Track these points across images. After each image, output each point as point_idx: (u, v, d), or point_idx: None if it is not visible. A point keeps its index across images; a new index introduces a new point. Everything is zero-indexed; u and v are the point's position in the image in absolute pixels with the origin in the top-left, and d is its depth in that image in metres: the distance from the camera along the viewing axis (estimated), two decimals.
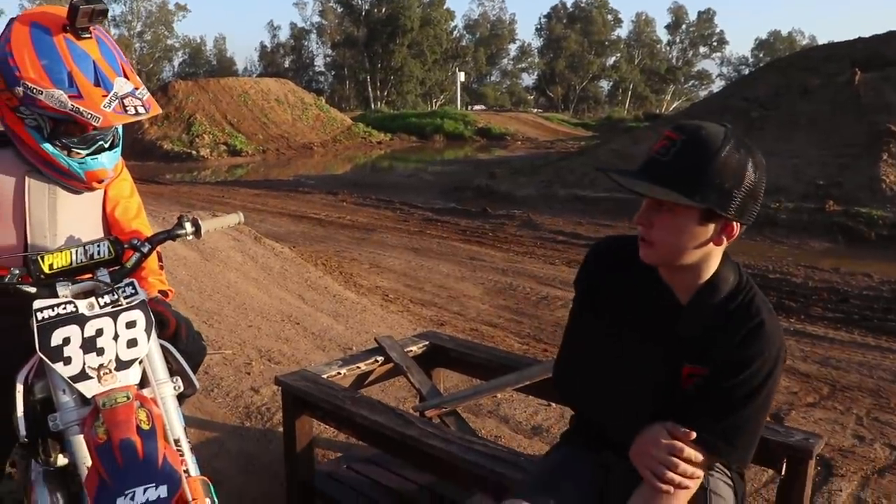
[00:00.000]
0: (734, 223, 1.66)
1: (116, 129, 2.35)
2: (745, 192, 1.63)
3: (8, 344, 2.28)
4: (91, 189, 2.40)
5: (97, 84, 2.12)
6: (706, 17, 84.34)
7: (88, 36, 2.16)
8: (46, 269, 2.04)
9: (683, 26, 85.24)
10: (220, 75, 49.51)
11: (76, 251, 2.07)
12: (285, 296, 6.77)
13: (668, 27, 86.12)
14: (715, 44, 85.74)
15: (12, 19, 2.21)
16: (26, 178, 2.32)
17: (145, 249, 2.19)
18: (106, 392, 1.92)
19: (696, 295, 1.76)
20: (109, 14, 2.32)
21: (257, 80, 40.51)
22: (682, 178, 1.60)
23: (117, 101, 2.14)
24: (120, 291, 2.03)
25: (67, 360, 1.92)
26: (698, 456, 1.70)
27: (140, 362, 2.02)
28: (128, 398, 1.91)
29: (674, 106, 77.67)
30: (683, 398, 1.77)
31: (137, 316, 2.02)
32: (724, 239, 1.68)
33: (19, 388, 2.01)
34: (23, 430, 1.97)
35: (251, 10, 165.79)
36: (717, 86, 77.87)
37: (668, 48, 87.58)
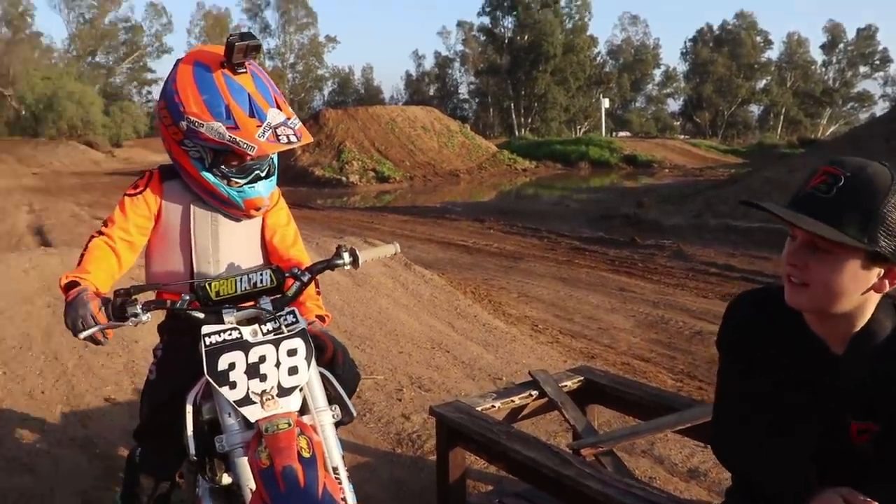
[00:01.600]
0: None
1: (272, 158, 2.45)
2: None
3: (179, 365, 2.39)
4: (249, 216, 2.49)
5: (252, 115, 2.25)
6: (867, 34, 79.85)
7: (244, 71, 2.28)
8: (213, 296, 2.14)
9: (841, 45, 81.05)
10: (368, 104, 51.17)
11: (240, 279, 2.16)
12: (435, 323, 6.81)
13: (823, 47, 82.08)
14: (877, 63, 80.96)
15: (178, 61, 2.36)
16: (191, 207, 2.45)
17: (305, 279, 2.26)
18: (268, 417, 1.98)
19: (852, 344, 1.62)
20: (265, 47, 2.43)
21: (404, 108, 41.54)
22: (848, 217, 1.47)
23: (271, 130, 2.24)
24: (281, 319, 2.10)
25: (233, 385, 2.00)
26: None
27: (300, 389, 2.07)
28: (289, 425, 1.96)
29: (830, 130, 73.98)
30: (856, 458, 1.62)
31: (298, 344, 2.07)
32: (887, 284, 1.55)
33: (189, 408, 2.12)
34: (192, 450, 2.08)
35: (397, 41, 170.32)
36: (881, 108, 73.68)
37: (823, 69, 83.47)
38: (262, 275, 2.17)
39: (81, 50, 73.61)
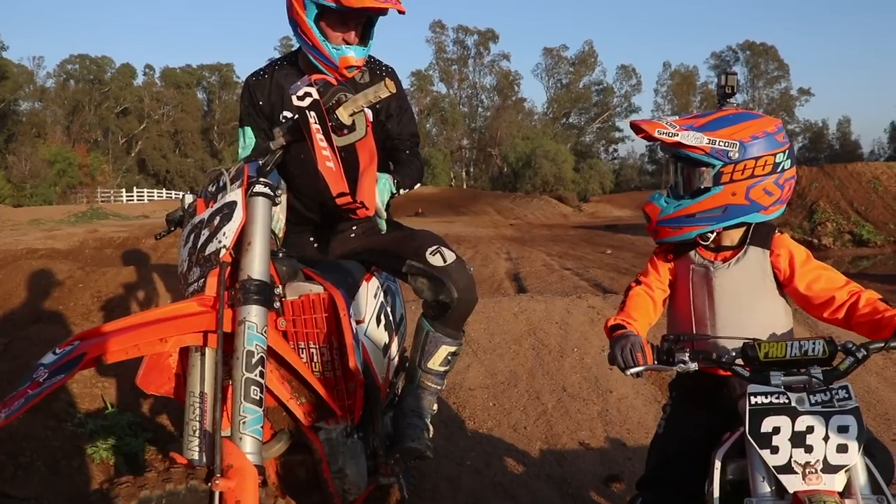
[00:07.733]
0: None
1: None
2: None
3: (690, 422, 2.46)
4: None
5: None
6: None
7: None
8: (762, 357, 2.11)
9: None
10: (844, 160, 47.50)
11: (791, 344, 2.11)
12: None
13: None
14: None
15: None
16: (690, 269, 2.48)
17: (860, 356, 2.10)
18: (810, 491, 1.93)
19: None
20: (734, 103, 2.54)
21: (890, 165, 37.51)
22: None
23: None
24: (833, 392, 2.03)
25: (774, 450, 1.98)
26: None
27: (846, 471, 1.97)
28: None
29: None
30: None
31: (850, 422, 1.98)
32: None
33: (717, 465, 2.15)
34: None
35: (879, 90, 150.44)
36: None
37: None
38: (814, 344, 2.09)
39: (557, 112, 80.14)
